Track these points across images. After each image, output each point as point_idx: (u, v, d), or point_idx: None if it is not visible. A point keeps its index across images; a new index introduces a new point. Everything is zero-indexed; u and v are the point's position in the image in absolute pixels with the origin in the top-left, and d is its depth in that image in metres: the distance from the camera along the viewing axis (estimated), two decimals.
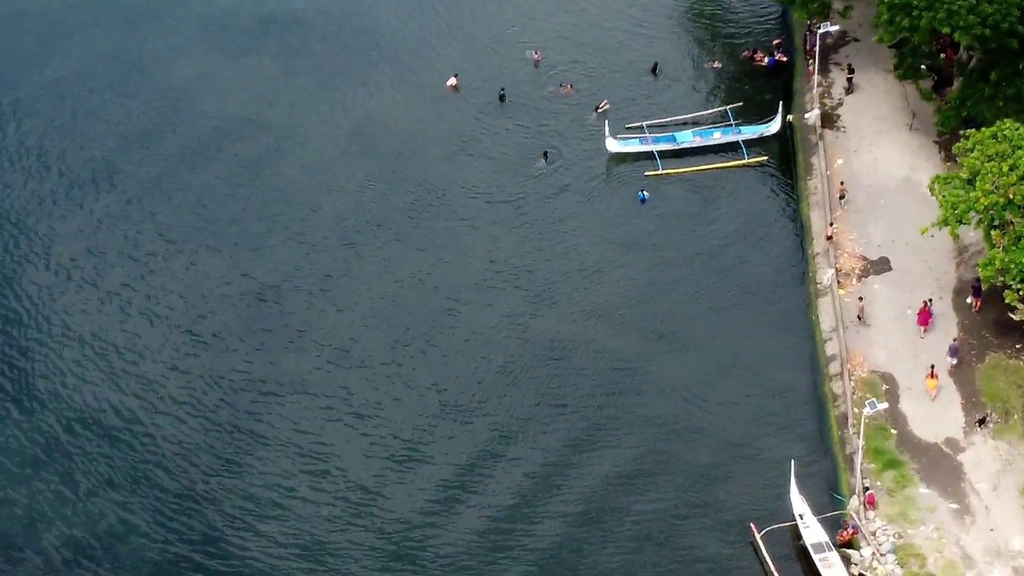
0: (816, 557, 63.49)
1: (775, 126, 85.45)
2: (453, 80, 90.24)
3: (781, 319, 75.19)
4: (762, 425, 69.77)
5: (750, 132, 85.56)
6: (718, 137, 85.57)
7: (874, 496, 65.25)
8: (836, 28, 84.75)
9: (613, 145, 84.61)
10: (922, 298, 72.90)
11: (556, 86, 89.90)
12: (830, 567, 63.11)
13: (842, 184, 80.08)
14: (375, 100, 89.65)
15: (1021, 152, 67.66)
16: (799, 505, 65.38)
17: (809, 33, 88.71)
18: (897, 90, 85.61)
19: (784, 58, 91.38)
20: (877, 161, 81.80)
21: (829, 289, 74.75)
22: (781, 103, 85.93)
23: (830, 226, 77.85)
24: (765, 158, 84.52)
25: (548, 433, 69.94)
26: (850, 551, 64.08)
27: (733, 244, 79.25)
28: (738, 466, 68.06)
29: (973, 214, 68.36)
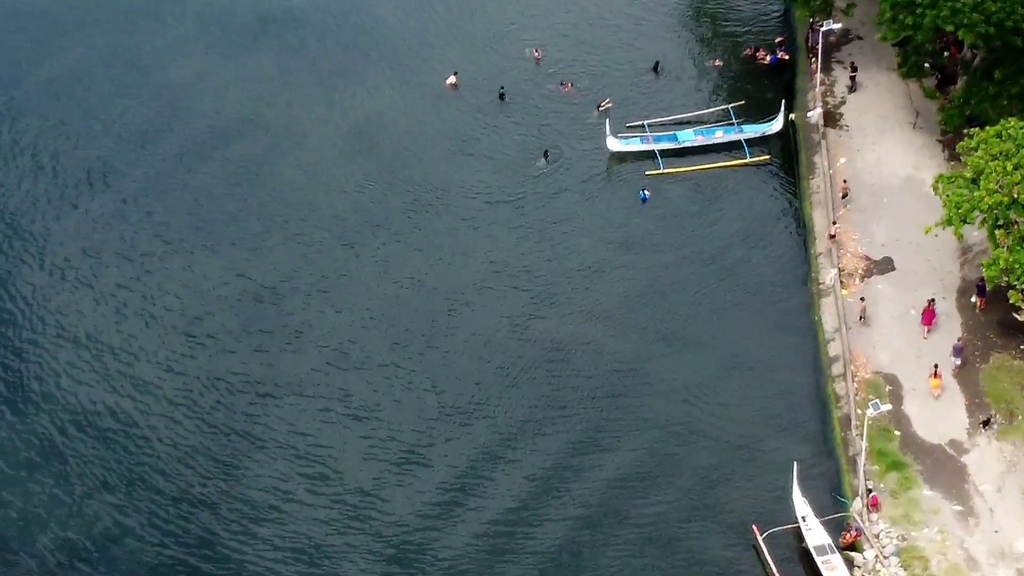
0: (819, 560, 63.26)
1: (777, 125, 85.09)
2: (452, 79, 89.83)
3: (783, 319, 74.87)
4: (764, 427, 69.49)
5: (752, 131, 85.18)
6: (720, 136, 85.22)
7: (877, 498, 64.99)
8: (839, 26, 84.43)
9: (614, 144, 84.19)
10: (926, 298, 72.48)
11: (556, 85, 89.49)
12: (833, 570, 62.87)
13: (845, 183, 79.78)
14: (374, 99, 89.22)
15: None
16: (801, 507, 65.07)
17: (811, 31, 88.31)
18: (900, 88, 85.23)
19: (786, 56, 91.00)
20: (880, 160, 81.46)
21: (832, 289, 74.39)
22: (783, 102, 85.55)
23: (833, 225, 77.54)
24: (767, 157, 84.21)
25: (548, 435, 69.64)
26: (853, 554, 63.87)
27: (735, 244, 78.90)
28: (740, 468, 67.79)
29: (977, 213, 68.06)
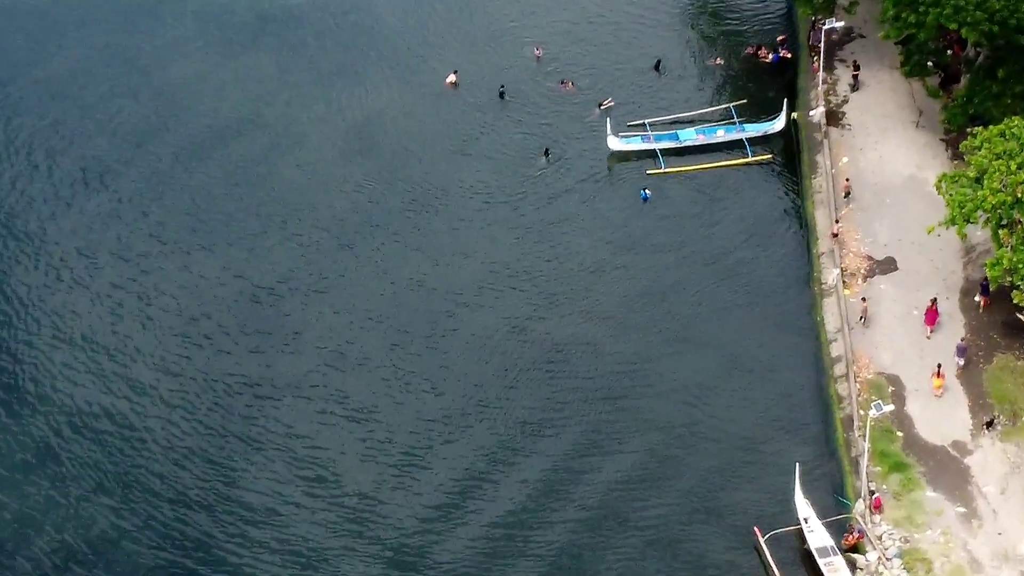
0: (821, 562, 62.97)
1: (779, 124, 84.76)
2: (452, 77, 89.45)
3: (785, 320, 74.52)
4: (766, 428, 69.17)
5: (754, 130, 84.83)
6: (721, 135, 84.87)
7: (880, 499, 64.70)
8: (841, 24, 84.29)
9: (615, 143, 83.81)
10: (929, 298, 72.07)
11: (557, 83, 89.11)
12: (835, 572, 62.60)
13: (847, 182, 79.44)
14: (373, 98, 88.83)
15: None
16: (804, 509, 64.77)
17: (814, 29, 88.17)
18: (903, 87, 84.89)
19: (788, 55, 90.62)
20: (883, 159, 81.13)
21: (834, 289, 74.04)
22: (785, 100, 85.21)
23: (835, 224, 77.22)
24: (769, 156, 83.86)
25: (548, 436, 69.28)
26: (856, 555, 63.60)
27: (736, 244, 78.55)
28: (741, 469, 67.49)
29: (981, 213, 67.88)
